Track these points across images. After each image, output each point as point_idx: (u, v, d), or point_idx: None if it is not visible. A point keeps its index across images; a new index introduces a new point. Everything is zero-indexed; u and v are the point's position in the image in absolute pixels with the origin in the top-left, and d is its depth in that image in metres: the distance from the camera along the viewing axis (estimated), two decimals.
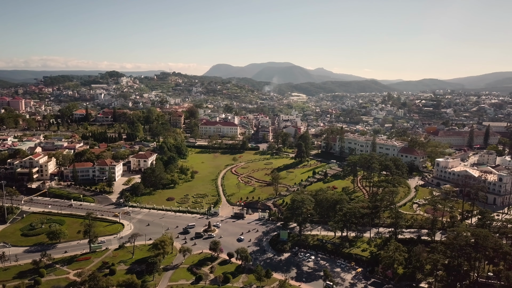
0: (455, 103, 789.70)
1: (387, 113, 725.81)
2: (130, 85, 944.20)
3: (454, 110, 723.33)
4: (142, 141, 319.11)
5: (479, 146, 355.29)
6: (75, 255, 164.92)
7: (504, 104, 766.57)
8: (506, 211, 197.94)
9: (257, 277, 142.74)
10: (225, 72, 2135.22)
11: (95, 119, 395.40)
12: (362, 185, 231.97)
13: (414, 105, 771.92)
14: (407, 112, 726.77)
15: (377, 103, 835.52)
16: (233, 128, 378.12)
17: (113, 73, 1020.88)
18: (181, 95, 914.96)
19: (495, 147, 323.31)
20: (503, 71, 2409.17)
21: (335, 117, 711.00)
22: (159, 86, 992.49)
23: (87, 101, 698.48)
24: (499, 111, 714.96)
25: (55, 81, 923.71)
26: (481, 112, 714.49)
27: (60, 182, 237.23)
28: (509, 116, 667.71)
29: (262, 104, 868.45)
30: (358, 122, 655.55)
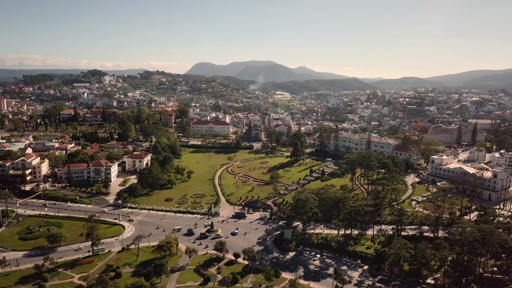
0: (438, 101, 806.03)
1: (372, 111, 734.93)
2: (113, 84, 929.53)
3: (437, 108, 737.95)
4: (134, 141, 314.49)
5: (467, 143, 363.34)
6: (77, 258, 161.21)
7: (485, 102, 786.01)
8: (501, 207, 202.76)
9: (266, 277, 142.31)
10: (207, 70, 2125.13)
11: (83, 119, 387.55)
12: (360, 183, 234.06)
13: (398, 103, 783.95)
14: (392, 110, 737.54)
15: (362, 101, 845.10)
16: (226, 127, 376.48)
17: (96, 71, 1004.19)
18: (165, 94, 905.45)
19: (483, 144, 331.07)
20: (479, 70, 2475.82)
21: (321, 116, 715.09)
22: (142, 85, 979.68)
23: (69, 101, 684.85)
24: (480, 109, 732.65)
25: (35, 80, 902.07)
26: (463, 109, 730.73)
27: (55, 184, 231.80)
28: (490, 114, 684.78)
29: (248, 103, 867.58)
30: (344, 120, 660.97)
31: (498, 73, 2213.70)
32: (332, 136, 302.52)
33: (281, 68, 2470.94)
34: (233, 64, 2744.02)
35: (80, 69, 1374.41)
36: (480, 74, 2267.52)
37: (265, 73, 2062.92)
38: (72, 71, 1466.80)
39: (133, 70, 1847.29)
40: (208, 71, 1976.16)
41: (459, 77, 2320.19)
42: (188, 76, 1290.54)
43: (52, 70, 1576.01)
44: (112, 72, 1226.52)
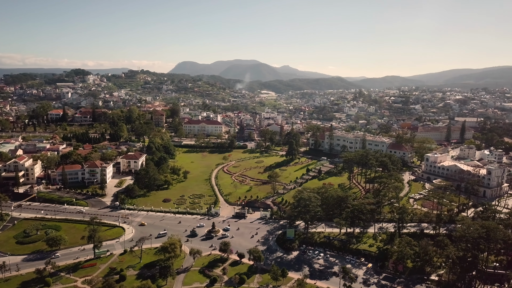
0: (423, 99, 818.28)
1: (359, 109, 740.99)
2: (98, 83, 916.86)
3: (422, 106, 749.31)
4: (127, 142, 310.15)
5: (456, 140, 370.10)
6: (79, 262, 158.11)
7: (468, 100, 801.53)
8: (496, 203, 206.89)
9: (273, 276, 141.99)
10: (191, 69, 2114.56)
11: (72, 119, 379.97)
12: (357, 181, 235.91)
13: (384, 102, 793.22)
14: (378, 109, 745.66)
15: (348, 100, 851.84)
16: (218, 127, 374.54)
17: (79, 71, 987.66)
18: (151, 93, 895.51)
19: (472, 142, 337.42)
20: (459, 68, 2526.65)
21: (308, 115, 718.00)
22: (127, 85, 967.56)
23: (53, 100, 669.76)
24: (464, 107, 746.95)
25: (16, 79, 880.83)
26: (447, 108, 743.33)
27: (49, 186, 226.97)
28: (473, 112, 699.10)
29: (235, 102, 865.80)
30: (332, 119, 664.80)
31: (477, 72, 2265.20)
32: (326, 135, 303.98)
33: (265, 67, 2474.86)
34: (217, 63, 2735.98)
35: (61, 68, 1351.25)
36: (460, 73, 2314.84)
37: (250, 72, 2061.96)
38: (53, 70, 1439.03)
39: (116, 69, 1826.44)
40: (192, 70, 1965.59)
41: (440, 76, 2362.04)
42: (173, 75, 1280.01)
43: (32, 69, 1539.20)
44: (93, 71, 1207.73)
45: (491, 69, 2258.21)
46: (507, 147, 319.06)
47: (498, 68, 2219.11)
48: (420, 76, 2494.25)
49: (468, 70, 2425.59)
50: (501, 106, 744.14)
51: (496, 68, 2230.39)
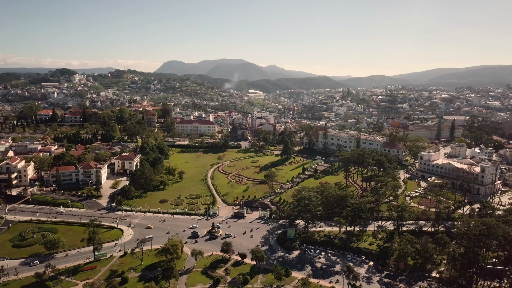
0: (410, 98, 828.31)
1: (347, 109, 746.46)
2: (84, 83, 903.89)
3: (410, 105, 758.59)
4: (120, 142, 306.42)
5: (446, 139, 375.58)
6: (79, 264, 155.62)
7: (454, 99, 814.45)
8: (490, 200, 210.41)
9: (277, 276, 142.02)
10: (177, 69, 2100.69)
11: (62, 119, 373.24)
12: (354, 180, 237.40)
13: (372, 101, 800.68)
14: (366, 108, 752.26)
15: (336, 99, 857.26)
16: (211, 126, 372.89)
17: (65, 70, 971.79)
18: (138, 93, 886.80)
19: (462, 140, 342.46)
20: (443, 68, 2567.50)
21: (297, 114, 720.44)
22: (114, 84, 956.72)
23: (38, 101, 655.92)
24: (450, 105, 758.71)
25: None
26: (434, 106, 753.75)
27: (42, 188, 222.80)
28: (459, 110, 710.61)
29: (224, 101, 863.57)
30: (321, 118, 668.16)
31: (460, 71, 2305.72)
32: (320, 134, 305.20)
33: (252, 66, 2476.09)
34: (203, 62, 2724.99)
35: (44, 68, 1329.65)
36: (444, 72, 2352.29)
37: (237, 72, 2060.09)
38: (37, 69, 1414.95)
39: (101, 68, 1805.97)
40: (179, 70, 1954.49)
41: (424, 75, 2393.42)
42: (160, 74, 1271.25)
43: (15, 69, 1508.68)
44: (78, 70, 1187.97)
45: (473, 68, 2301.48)
46: (496, 145, 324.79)
47: (480, 67, 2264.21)
48: (404, 75, 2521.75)
49: (452, 69, 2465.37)
50: (486, 105, 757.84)
51: (479, 67, 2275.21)
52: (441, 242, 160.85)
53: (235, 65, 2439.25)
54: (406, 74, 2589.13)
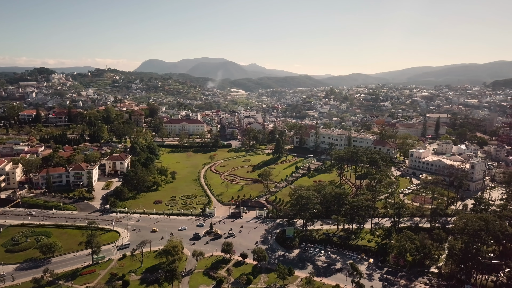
0: (391, 96, 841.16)
1: (331, 107, 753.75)
2: (63, 82, 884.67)
3: (391, 103, 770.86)
4: (108, 142, 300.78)
5: (431, 136, 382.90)
6: (77, 268, 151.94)
7: (434, 97, 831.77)
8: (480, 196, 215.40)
9: (280, 276, 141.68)
10: (158, 67, 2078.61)
11: (46, 120, 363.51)
12: (347, 178, 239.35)
13: (355, 99, 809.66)
14: (349, 106, 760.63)
15: (320, 98, 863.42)
16: (200, 126, 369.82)
17: (43, 69, 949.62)
18: (120, 92, 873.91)
19: (447, 137, 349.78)
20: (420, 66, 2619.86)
21: (281, 113, 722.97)
22: (94, 83, 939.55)
23: (16, 100, 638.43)
24: (430, 103, 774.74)
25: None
26: (415, 104, 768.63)
27: (32, 190, 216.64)
28: (439, 108, 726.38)
29: (207, 100, 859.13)
30: (305, 117, 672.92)
31: (437, 69, 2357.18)
32: (311, 133, 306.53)
33: (233, 65, 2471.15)
34: (184, 61, 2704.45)
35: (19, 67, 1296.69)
36: (422, 70, 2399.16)
37: (218, 71, 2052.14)
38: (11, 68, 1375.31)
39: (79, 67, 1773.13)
40: (159, 68, 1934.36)
41: (402, 74, 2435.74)
42: (141, 73, 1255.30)
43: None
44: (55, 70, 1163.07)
45: (449, 66, 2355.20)
46: (480, 142, 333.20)
47: (456, 66, 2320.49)
48: (383, 74, 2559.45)
49: (429, 68, 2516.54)
50: (465, 102, 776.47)
51: (455, 66, 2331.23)
52: (438, 238, 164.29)
53: (215, 63, 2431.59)
54: (385, 73, 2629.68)
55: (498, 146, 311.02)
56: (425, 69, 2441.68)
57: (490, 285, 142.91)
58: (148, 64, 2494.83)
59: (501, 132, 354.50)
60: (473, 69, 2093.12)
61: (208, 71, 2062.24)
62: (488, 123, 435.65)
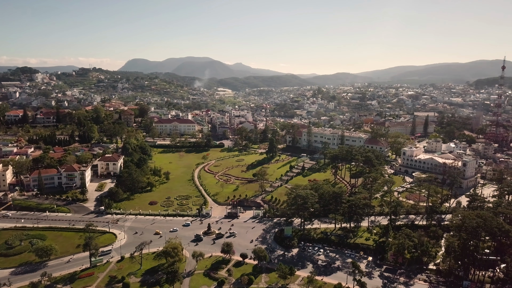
0: (378, 95, 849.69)
1: (318, 106, 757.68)
2: (47, 82, 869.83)
3: (378, 102, 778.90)
4: (99, 143, 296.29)
5: (420, 134, 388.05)
6: (74, 272, 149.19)
7: (419, 96, 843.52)
8: (471, 192, 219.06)
9: (281, 275, 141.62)
10: (142, 67, 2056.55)
11: (33, 120, 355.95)
12: (341, 177, 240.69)
13: (342, 98, 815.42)
14: (337, 105, 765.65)
15: (307, 97, 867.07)
16: (191, 126, 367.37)
17: (26, 69, 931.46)
18: (105, 91, 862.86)
19: (436, 136, 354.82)
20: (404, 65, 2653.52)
21: (270, 112, 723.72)
22: (79, 83, 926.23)
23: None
24: (416, 102, 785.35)
25: None
26: (401, 103, 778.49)
27: (24, 193, 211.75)
28: (425, 106, 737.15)
29: (194, 100, 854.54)
30: (293, 116, 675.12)
31: (420, 68, 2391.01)
32: (304, 132, 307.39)
33: (218, 64, 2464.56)
34: (169, 60, 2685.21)
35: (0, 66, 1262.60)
36: (405, 69, 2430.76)
37: (203, 70, 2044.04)
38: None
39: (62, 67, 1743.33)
40: (144, 68, 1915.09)
41: (386, 73, 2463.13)
42: (127, 73, 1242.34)
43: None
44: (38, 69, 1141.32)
45: (432, 66, 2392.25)
46: (468, 140, 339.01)
47: (438, 65, 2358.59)
48: (368, 73, 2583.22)
49: (412, 67, 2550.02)
50: (449, 101, 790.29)
51: (437, 65, 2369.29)
52: (435, 235, 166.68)
53: (201, 63, 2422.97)
54: (370, 72, 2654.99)
55: (486, 144, 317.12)
56: (408, 68, 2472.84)
57: (487, 280, 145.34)
58: (132, 63, 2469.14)
59: (488, 130, 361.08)
60: (455, 68, 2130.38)
61: (194, 70, 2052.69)
62: (474, 121, 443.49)
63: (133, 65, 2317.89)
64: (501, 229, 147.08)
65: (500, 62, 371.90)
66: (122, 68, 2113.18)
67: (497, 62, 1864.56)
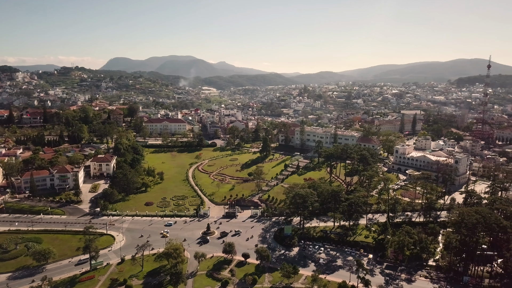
0: (363, 94, 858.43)
1: (305, 105, 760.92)
2: (28, 81, 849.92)
3: (364, 101, 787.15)
4: (90, 143, 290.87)
5: (408, 132, 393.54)
6: (74, 275, 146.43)
7: (403, 94, 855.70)
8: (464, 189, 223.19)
9: (285, 274, 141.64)
10: (125, 65, 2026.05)
11: (19, 120, 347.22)
12: (337, 175, 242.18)
13: (328, 97, 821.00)
14: (323, 104, 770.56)
15: (294, 96, 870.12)
16: (182, 125, 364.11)
17: (5, 67, 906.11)
18: (89, 91, 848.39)
19: (425, 134, 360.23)
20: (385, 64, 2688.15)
21: (257, 110, 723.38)
22: (61, 82, 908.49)
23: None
24: (400, 100, 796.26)
25: None
26: (386, 101, 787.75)
27: (15, 195, 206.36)
28: (409, 105, 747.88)
29: (180, 99, 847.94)
30: (280, 115, 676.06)
31: (402, 67, 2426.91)
32: (296, 131, 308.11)
33: (202, 63, 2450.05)
34: (152, 59, 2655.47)
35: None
36: (387, 68, 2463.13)
37: (187, 68, 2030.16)
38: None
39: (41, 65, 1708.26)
40: (126, 67, 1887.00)
41: (368, 71, 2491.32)
42: (109, 72, 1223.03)
43: None
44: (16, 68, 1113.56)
45: (413, 64, 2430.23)
46: (456, 138, 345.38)
47: (419, 64, 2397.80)
48: (350, 72, 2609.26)
49: (393, 65, 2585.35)
50: (432, 99, 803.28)
51: (418, 64, 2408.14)
52: (433, 231, 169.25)
53: (184, 61, 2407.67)
54: (352, 71, 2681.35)
55: (473, 141, 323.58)
56: (390, 67, 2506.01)
57: (486, 276, 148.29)
58: (114, 62, 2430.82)
59: (474, 127, 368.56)
60: (435, 67, 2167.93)
61: (177, 69, 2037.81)
62: (459, 119, 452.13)
63: (115, 64, 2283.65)
64: (499, 225, 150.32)
65: (479, 61, 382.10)
66: (104, 67, 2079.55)
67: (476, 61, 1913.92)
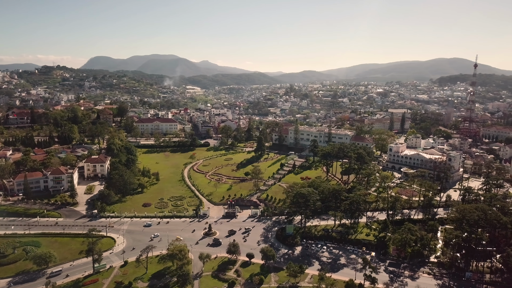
0: (349, 93, 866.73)
1: (292, 104, 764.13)
2: (8, 80, 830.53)
3: (349, 99, 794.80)
4: (82, 144, 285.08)
5: (397, 130, 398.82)
6: (77, 279, 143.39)
7: (387, 93, 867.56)
8: (457, 186, 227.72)
9: (291, 274, 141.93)
10: (106, 64, 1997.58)
11: (5, 121, 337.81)
12: (332, 174, 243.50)
13: (314, 96, 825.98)
14: (309, 103, 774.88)
15: (280, 95, 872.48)
16: (173, 125, 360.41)
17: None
18: (72, 90, 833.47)
19: (414, 132, 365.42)
20: (367, 63, 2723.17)
21: (244, 110, 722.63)
22: (43, 81, 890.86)
23: None
24: (385, 99, 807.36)
25: None
26: (371, 100, 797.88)
27: (8, 198, 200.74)
28: (394, 103, 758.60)
29: (165, 98, 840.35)
30: (267, 114, 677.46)
31: (383, 66, 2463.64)
32: (290, 130, 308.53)
33: (184, 62, 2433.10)
34: (134, 58, 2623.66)
35: None
36: (369, 67, 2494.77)
37: (170, 67, 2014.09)
38: None
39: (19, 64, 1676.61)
40: (108, 66, 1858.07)
41: (351, 70, 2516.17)
42: (91, 71, 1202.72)
43: None
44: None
45: (394, 63, 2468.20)
46: (444, 135, 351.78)
47: (400, 63, 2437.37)
48: (333, 71, 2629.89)
49: (375, 64, 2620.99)
50: (416, 98, 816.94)
51: (399, 63, 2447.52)
52: (433, 228, 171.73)
53: (167, 60, 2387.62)
54: (335, 70, 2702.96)
55: (462, 139, 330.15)
56: (371, 66, 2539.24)
57: (486, 271, 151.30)
58: (95, 61, 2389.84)
59: (461, 126, 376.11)
60: (416, 66, 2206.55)
61: (160, 67, 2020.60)
62: (445, 117, 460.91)
63: (96, 63, 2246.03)
64: (499, 221, 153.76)
65: (458, 60, 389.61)
66: (84, 66, 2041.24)
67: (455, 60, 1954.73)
